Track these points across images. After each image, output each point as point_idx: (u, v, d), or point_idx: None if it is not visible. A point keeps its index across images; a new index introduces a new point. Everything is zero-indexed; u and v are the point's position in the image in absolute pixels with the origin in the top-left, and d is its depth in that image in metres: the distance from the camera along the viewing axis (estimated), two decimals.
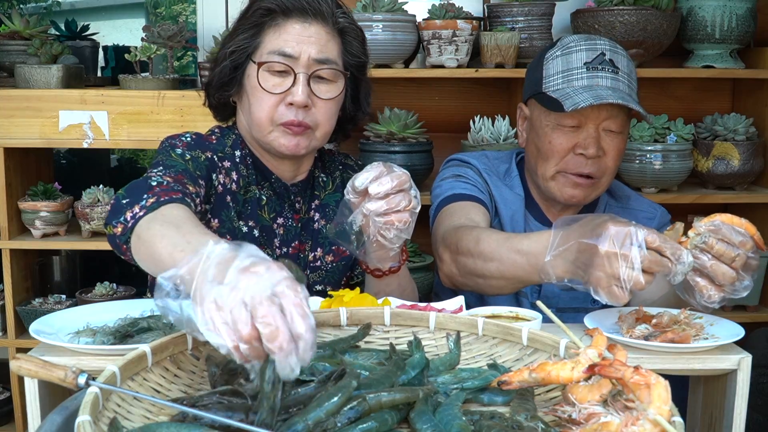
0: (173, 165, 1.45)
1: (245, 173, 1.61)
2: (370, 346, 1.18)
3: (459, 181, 1.87)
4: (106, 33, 3.60)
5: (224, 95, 1.63)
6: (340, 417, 0.90)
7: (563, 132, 1.75)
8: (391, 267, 1.57)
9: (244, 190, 1.61)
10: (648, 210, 1.94)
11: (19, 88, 2.52)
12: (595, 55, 1.75)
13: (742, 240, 1.33)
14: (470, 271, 1.59)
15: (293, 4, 1.53)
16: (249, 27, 1.56)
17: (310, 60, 1.53)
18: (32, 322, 1.31)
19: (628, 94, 1.73)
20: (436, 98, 3.01)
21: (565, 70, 1.76)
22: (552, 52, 1.80)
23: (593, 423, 0.90)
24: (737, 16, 2.67)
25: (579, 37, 1.80)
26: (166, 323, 1.35)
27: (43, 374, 0.98)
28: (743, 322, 1.47)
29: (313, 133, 1.58)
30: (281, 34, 1.54)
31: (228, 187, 1.56)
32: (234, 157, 1.61)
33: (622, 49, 1.81)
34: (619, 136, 1.76)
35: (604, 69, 1.74)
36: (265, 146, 1.61)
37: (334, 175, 1.77)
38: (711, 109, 2.93)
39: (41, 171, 2.83)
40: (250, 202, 1.61)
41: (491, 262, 1.53)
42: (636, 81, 1.80)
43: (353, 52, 1.62)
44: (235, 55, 1.57)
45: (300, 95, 1.52)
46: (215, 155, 1.56)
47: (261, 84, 1.54)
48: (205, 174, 1.49)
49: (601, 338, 1.03)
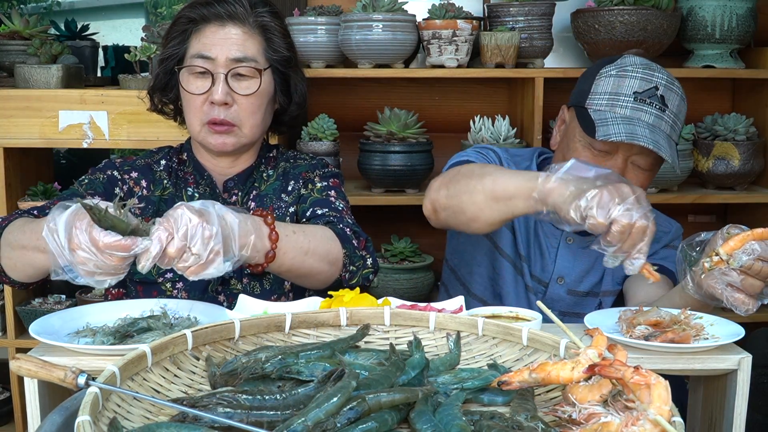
0: (62, 194, 1.73)
1: (174, 177, 1.78)
2: (369, 346, 1.18)
3: (479, 155, 1.85)
4: (106, 33, 3.60)
5: (165, 100, 1.80)
6: (340, 417, 0.90)
7: (592, 154, 1.72)
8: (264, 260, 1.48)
9: (162, 191, 1.76)
10: (664, 224, 1.91)
11: (19, 88, 2.52)
12: (648, 86, 1.70)
13: None
14: (460, 189, 1.57)
15: (210, 11, 1.68)
16: (176, 35, 1.72)
17: (227, 60, 1.66)
18: (32, 322, 1.31)
19: (669, 135, 1.69)
20: (436, 98, 3.01)
21: (614, 93, 1.71)
22: (608, 69, 1.75)
23: (593, 423, 0.90)
24: (737, 16, 2.67)
25: (640, 63, 1.75)
26: (166, 323, 1.35)
27: (43, 374, 0.98)
28: (743, 322, 1.47)
29: (240, 130, 1.70)
30: (201, 39, 1.68)
31: (139, 193, 1.76)
32: (152, 167, 1.79)
33: (680, 87, 1.75)
34: (646, 173, 1.73)
35: (652, 104, 1.69)
36: (201, 145, 1.75)
37: (278, 167, 1.83)
38: (711, 109, 2.93)
39: (41, 171, 2.83)
40: (169, 201, 1.75)
41: (486, 177, 1.52)
42: (682, 122, 1.76)
43: (275, 48, 1.72)
44: (166, 62, 1.74)
45: (218, 94, 1.65)
46: (118, 171, 1.76)
47: (185, 87, 1.69)
48: (101, 190, 1.71)
49: (601, 338, 1.03)
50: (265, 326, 1.17)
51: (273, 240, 1.40)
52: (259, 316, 1.18)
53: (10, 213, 1.72)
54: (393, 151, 2.63)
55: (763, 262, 1.34)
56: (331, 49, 2.67)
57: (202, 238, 1.22)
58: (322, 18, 2.66)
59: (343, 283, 1.57)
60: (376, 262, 1.63)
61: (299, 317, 1.19)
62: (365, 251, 1.60)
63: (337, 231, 1.57)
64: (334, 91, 2.98)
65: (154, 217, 1.73)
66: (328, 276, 1.55)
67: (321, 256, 1.51)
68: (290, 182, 1.79)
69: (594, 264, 1.87)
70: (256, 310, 1.43)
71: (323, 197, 1.73)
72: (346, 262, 1.55)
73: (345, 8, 2.75)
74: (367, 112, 2.84)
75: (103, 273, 1.19)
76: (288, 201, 1.76)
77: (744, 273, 1.35)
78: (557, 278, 1.86)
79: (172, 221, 1.22)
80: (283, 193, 1.77)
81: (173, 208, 1.25)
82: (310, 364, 1.04)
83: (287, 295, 1.74)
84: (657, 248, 1.85)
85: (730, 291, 1.37)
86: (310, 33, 2.65)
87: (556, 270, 1.87)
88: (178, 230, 1.21)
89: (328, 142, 2.64)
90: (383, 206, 2.69)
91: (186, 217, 1.22)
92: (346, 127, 2.85)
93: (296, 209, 1.76)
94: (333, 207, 1.70)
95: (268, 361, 1.04)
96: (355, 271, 1.57)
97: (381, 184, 2.69)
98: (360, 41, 2.56)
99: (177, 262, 1.23)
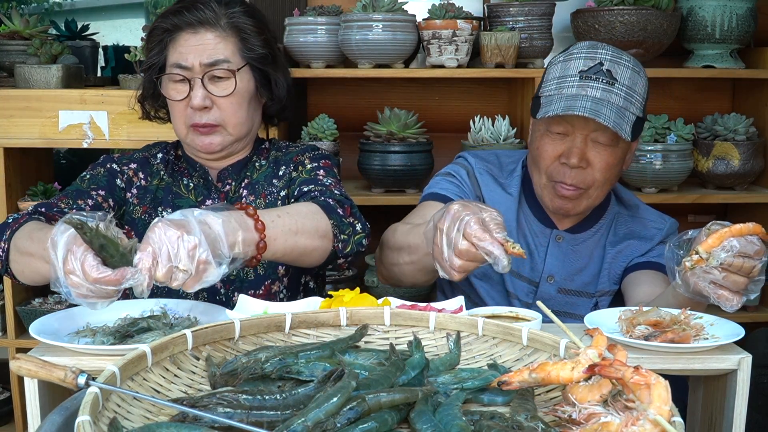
0: (67, 190, 1.75)
1: (170, 169, 1.83)
2: (369, 346, 1.18)
3: (445, 180, 1.89)
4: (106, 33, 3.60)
5: (155, 106, 1.84)
6: (340, 417, 0.90)
7: (551, 139, 1.73)
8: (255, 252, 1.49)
9: (159, 181, 1.82)
10: (657, 221, 1.90)
11: (19, 88, 2.52)
12: (592, 63, 1.71)
13: (758, 249, 1.36)
14: (389, 262, 1.71)
15: (181, 20, 1.71)
16: (154, 45, 1.76)
17: (201, 65, 1.69)
18: (32, 322, 1.31)
19: (622, 108, 1.67)
20: (436, 98, 3.01)
21: (561, 76, 1.73)
22: (557, 57, 1.79)
23: (593, 423, 0.90)
24: (737, 16, 2.67)
25: (584, 45, 1.77)
26: (166, 323, 1.35)
27: (43, 374, 0.98)
28: (743, 322, 1.47)
29: (224, 129, 1.73)
30: (177, 48, 1.72)
31: (138, 183, 1.81)
32: (149, 160, 1.84)
33: (631, 61, 1.74)
34: (608, 149, 1.71)
35: (599, 79, 1.68)
36: (190, 147, 1.80)
37: (270, 156, 1.85)
38: (711, 109, 2.93)
39: (41, 171, 2.83)
40: (167, 189, 1.80)
41: (402, 251, 1.65)
42: (642, 93, 1.73)
43: (251, 46, 1.74)
44: (149, 71, 1.78)
45: (197, 99, 1.69)
46: (117, 164, 1.81)
47: (166, 94, 1.74)
48: (104, 184, 1.76)
49: (601, 338, 1.03)
50: (265, 326, 1.17)
51: (260, 230, 1.38)
52: (259, 316, 1.18)
53: (19, 212, 1.72)
54: (393, 151, 2.63)
55: (744, 258, 1.34)
56: (331, 49, 2.67)
57: (186, 251, 1.20)
58: (322, 18, 2.66)
59: (338, 254, 1.56)
60: (366, 225, 1.62)
61: (299, 317, 1.19)
62: (352, 217, 1.60)
63: (321, 203, 1.57)
64: (334, 91, 2.98)
65: (152, 205, 1.80)
66: (322, 251, 1.54)
67: (311, 233, 1.50)
68: (281, 167, 1.81)
69: (587, 263, 1.87)
70: (256, 310, 1.43)
71: (311, 177, 1.74)
72: (336, 232, 1.55)
73: (345, 8, 2.76)
74: (367, 112, 2.84)
75: (95, 297, 1.19)
76: (279, 186, 1.79)
77: (725, 270, 1.35)
78: (547, 277, 1.85)
79: (153, 244, 1.20)
80: (274, 179, 1.80)
81: (150, 227, 1.23)
82: (310, 364, 1.04)
83: (281, 280, 1.76)
84: (651, 245, 1.85)
85: (714, 288, 1.38)
86: (310, 33, 2.65)
87: (546, 269, 1.86)
88: (160, 253, 1.20)
89: (328, 142, 2.64)
90: (383, 206, 2.69)
91: (165, 237, 1.20)
92: (346, 127, 2.85)
93: (287, 192, 1.78)
94: (319, 183, 1.71)
95: (268, 361, 1.04)
96: (346, 239, 1.56)
97: (381, 184, 2.70)
98: (360, 41, 2.56)
99: (170, 282, 1.22)
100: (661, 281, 1.75)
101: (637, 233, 1.88)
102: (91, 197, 1.72)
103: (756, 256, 1.35)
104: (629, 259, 1.86)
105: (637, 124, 1.71)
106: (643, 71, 1.75)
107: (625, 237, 1.87)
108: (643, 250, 1.85)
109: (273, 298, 1.75)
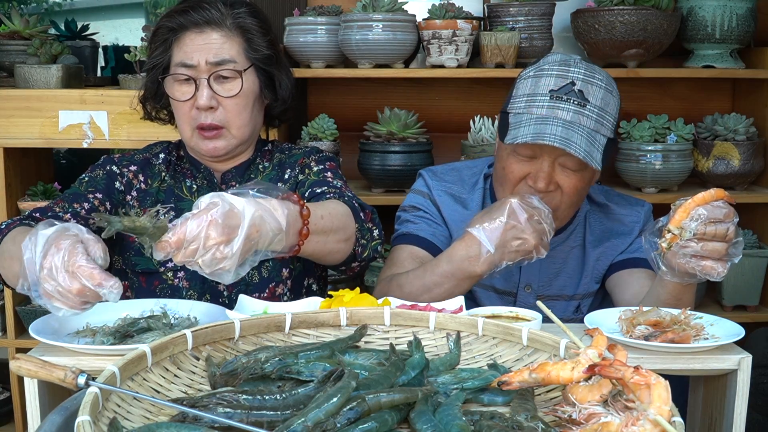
0: (65, 194, 1.74)
1: (173, 170, 1.81)
2: (369, 346, 1.18)
3: (414, 216, 1.87)
4: (106, 33, 3.61)
5: (157, 107, 1.82)
6: (340, 417, 0.90)
7: (518, 160, 1.68)
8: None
9: (160, 183, 1.80)
10: (632, 214, 1.86)
11: (19, 88, 2.52)
12: (564, 83, 1.64)
13: (726, 212, 1.36)
14: (419, 300, 1.60)
15: (187, 19, 1.70)
16: (159, 45, 1.74)
17: (207, 65, 1.68)
18: (32, 322, 1.31)
19: (594, 130, 1.61)
20: (436, 98, 3.01)
21: (531, 93, 1.67)
22: (528, 71, 1.72)
23: (593, 423, 0.90)
24: (737, 16, 2.67)
25: (556, 60, 1.70)
26: (166, 323, 1.35)
27: (43, 374, 0.98)
28: (743, 322, 1.47)
29: (228, 131, 1.72)
30: (182, 47, 1.70)
31: (138, 186, 1.79)
32: (150, 160, 1.82)
33: (604, 78, 1.68)
34: (577, 173, 1.65)
35: (570, 100, 1.62)
36: (194, 150, 1.78)
37: (274, 158, 1.84)
38: (711, 109, 2.93)
39: (41, 171, 2.83)
40: (168, 192, 1.78)
41: (431, 291, 1.62)
42: (613, 114, 1.67)
43: (256, 47, 1.73)
44: (152, 71, 1.76)
45: (203, 99, 1.67)
46: (116, 166, 1.79)
47: (171, 94, 1.72)
48: (102, 186, 1.75)
49: (602, 338, 1.03)
50: (265, 326, 1.17)
51: (303, 236, 1.37)
52: (259, 316, 1.18)
53: (11, 217, 1.73)
54: (393, 151, 2.63)
55: (716, 223, 1.34)
56: (331, 49, 2.67)
57: (212, 258, 1.16)
58: (322, 18, 2.66)
59: (356, 258, 1.58)
60: (381, 232, 1.64)
61: (299, 317, 1.19)
62: (371, 223, 1.61)
63: (350, 205, 1.57)
64: (334, 91, 2.98)
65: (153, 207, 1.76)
66: (344, 253, 1.56)
67: (340, 237, 1.51)
68: (286, 171, 1.81)
69: (563, 267, 1.84)
70: (256, 309, 1.43)
71: (321, 179, 1.74)
72: (358, 236, 1.56)
73: (345, 8, 2.76)
74: (367, 112, 2.84)
75: (61, 301, 1.15)
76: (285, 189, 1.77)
77: (701, 239, 1.35)
78: (524, 286, 1.82)
79: (186, 235, 1.14)
80: (279, 182, 1.79)
81: (202, 208, 1.16)
82: (309, 364, 1.04)
83: (285, 282, 1.75)
84: (630, 240, 1.83)
85: (696, 261, 1.37)
86: (310, 33, 2.65)
87: (522, 278, 1.82)
88: (187, 247, 1.14)
89: (328, 142, 2.64)
90: (383, 206, 2.69)
91: (202, 235, 1.14)
92: (346, 127, 2.85)
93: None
94: (331, 185, 1.71)
95: (268, 361, 1.04)
96: (365, 244, 1.58)
97: (381, 184, 2.70)
98: (360, 41, 2.56)
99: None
100: (647, 278, 1.72)
101: (616, 230, 1.84)
102: (87, 200, 1.71)
103: (726, 219, 1.35)
104: (612, 257, 1.83)
105: (608, 146, 1.66)
106: (615, 89, 1.70)
107: (604, 236, 1.84)
108: (625, 245, 1.83)
109: (276, 300, 1.74)
